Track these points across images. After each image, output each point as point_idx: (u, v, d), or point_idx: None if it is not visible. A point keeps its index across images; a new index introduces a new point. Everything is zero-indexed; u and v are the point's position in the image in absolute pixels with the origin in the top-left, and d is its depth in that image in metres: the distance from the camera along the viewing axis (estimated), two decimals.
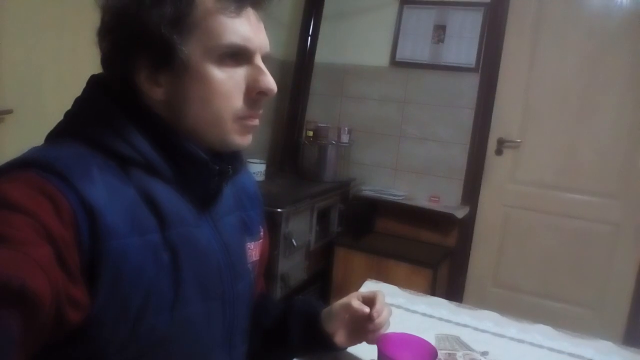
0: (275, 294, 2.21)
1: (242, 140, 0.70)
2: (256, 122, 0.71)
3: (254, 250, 0.82)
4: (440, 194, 2.82)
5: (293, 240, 2.22)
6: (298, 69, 2.97)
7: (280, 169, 2.91)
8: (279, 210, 2.14)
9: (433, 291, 2.48)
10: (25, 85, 1.62)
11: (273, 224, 2.14)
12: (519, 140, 2.74)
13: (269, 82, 0.68)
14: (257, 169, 2.54)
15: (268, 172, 2.63)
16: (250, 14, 0.68)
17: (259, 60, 0.69)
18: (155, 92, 0.65)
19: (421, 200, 2.84)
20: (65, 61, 1.71)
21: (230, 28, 0.64)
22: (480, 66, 2.70)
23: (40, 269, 0.49)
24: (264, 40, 0.70)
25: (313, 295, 2.66)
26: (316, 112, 3.06)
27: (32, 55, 1.63)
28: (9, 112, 1.57)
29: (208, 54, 0.64)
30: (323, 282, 2.71)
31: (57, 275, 0.51)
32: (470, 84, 2.73)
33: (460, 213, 2.69)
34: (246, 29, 0.66)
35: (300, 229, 2.35)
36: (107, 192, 0.59)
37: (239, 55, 0.66)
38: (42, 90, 1.68)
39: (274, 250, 2.16)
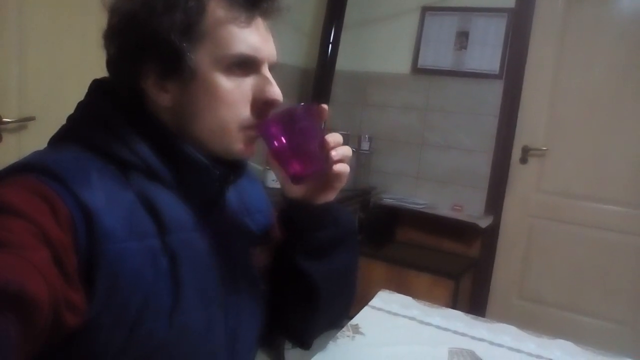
0: None
1: (247, 151, 0.69)
2: None
3: (261, 255, 0.80)
4: (463, 203, 2.77)
5: None
6: (319, 77, 2.95)
7: None
8: None
9: (455, 303, 2.43)
10: (48, 93, 1.65)
11: None
12: (544, 148, 2.67)
13: (276, 92, 0.68)
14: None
15: None
16: (259, 23, 0.67)
17: (266, 70, 0.68)
18: (162, 98, 0.65)
19: (443, 209, 2.78)
20: (87, 69, 1.71)
21: (239, 38, 0.64)
22: (505, 73, 2.65)
23: (38, 273, 0.48)
24: (272, 50, 0.70)
25: None
26: (337, 120, 3.04)
27: (54, 63, 1.66)
28: (32, 119, 1.60)
29: (216, 63, 0.64)
30: None
31: (55, 279, 0.51)
32: (494, 91, 2.68)
33: (484, 223, 2.62)
34: (255, 39, 0.66)
35: None
36: (105, 195, 0.59)
37: (246, 65, 0.66)
38: (64, 98, 1.69)
39: None
